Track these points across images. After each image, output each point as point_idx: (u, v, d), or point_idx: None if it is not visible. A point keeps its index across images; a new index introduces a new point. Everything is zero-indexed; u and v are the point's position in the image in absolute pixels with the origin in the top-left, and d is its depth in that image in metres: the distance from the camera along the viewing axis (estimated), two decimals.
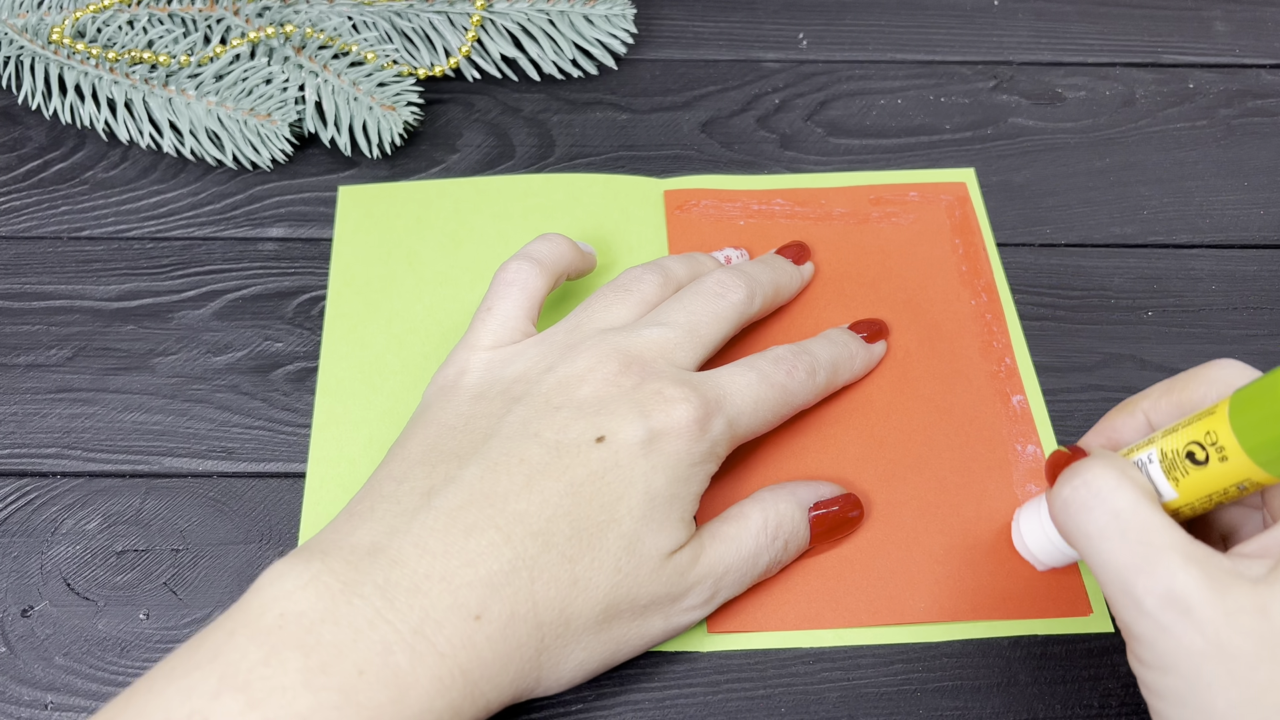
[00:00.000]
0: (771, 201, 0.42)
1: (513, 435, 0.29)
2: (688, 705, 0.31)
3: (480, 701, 0.26)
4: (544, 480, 0.28)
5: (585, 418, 0.29)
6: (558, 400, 0.30)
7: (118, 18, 0.44)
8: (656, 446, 0.29)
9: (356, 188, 0.43)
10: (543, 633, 0.27)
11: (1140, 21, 0.51)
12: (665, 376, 0.30)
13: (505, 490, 0.28)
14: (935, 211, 0.42)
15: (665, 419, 0.29)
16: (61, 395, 0.37)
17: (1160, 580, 0.23)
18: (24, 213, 0.42)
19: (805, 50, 0.49)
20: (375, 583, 0.26)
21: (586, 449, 0.29)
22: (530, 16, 0.46)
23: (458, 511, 0.27)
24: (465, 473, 0.28)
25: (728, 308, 0.34)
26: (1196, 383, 0.27)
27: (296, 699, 0.24)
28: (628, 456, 0.29)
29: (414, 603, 0.26)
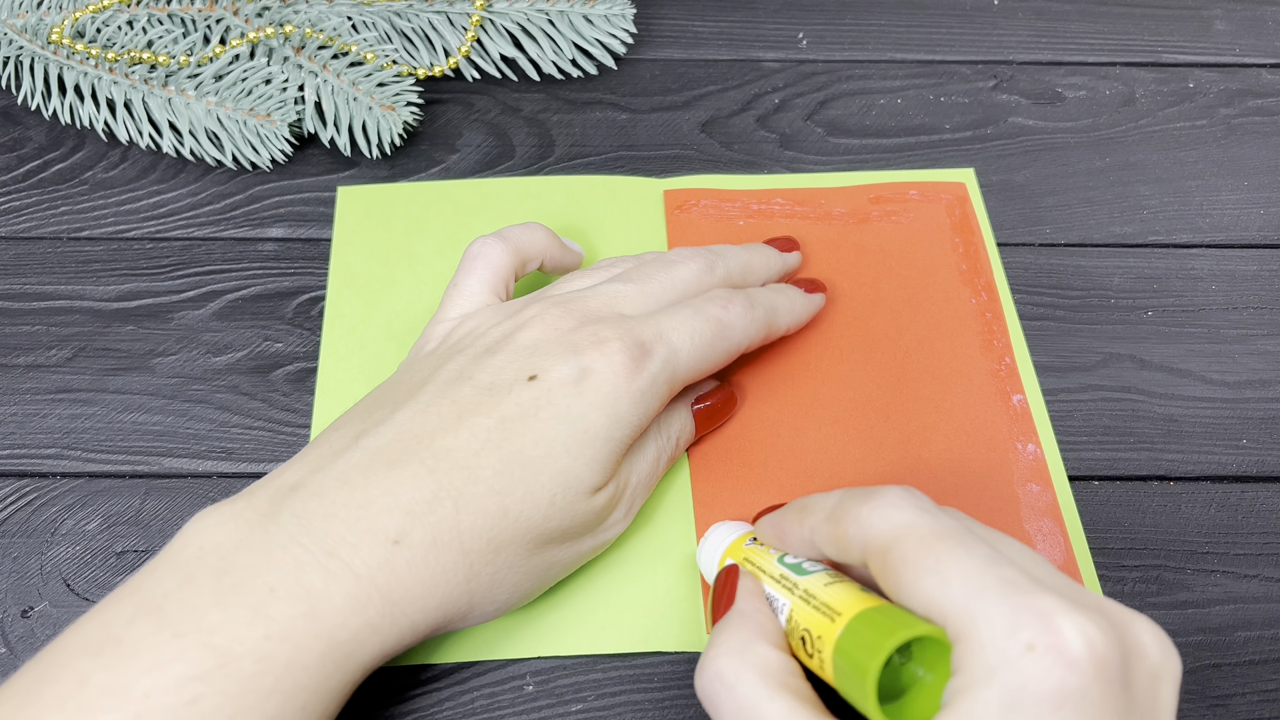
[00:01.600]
0: (771, 201, 0.42)
1: (448, 380, 0.30)
2: (688, 705, 0.31)
3: (404, 623, 0.27)
4: (474, 417, 0.28)
5: (520, 360, 0.30)
6: (496, 347, 0.30)
7: (117, 18, 0.44)
8: (590, 384, 0.29)
9: (355, 188, 0.43)
10: (470, 560, 0.27)
11: (1140, 21, 0.51)
12: (604, 320, 0.31)
13: (434, 428, 0.28)
14: (935, 210, 0.42)
15: (597, 356, 0.29)
16: (61, 396, 0.37)
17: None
18: (24, 213, 0.42)
19: (805, 50, 0.49)
20: (293, 512, 0.27)
21: (519, 388, 0.29)
22: (530, 16, 0.46)
23: (383, 449, 0.28)
24: (396, 415, 0.29)
25: (686, 273, 0.34)
26: (849, 519, 0.26)
27: (207, 615, 0.25)
28: (561, 394, 0.29)
29: (329, 528, 0.26)
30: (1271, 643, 0.33)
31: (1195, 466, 0.37)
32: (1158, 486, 0.36)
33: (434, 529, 0.27)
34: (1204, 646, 0.33)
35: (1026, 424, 0.36)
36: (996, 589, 0.22)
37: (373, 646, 0.26)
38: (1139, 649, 0.23)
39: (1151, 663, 0.23)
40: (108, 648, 0.24)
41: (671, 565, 0.33)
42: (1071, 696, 0.21)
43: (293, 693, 0.25)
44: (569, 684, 0.31)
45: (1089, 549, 0.35)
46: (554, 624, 0.32)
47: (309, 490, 0.27)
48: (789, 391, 0.37)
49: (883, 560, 0.25)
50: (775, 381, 0.37)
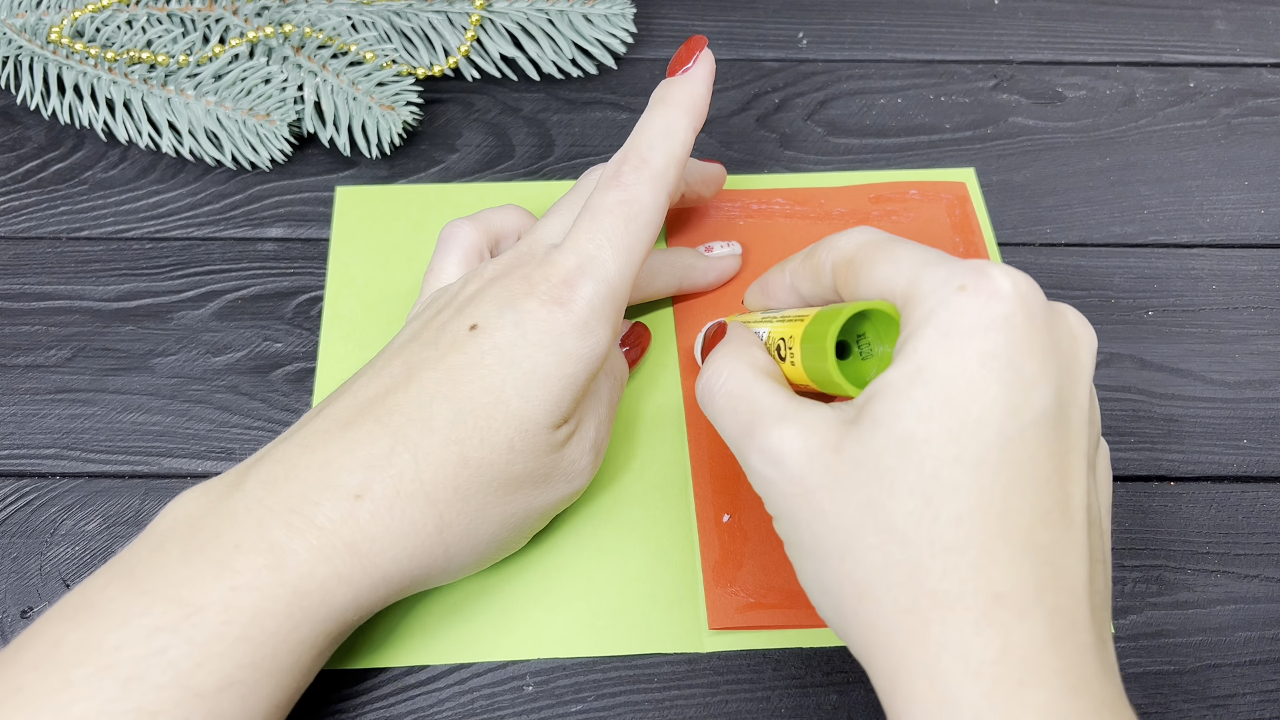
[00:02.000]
0: (771, 201, 0.42)
1: (401, 344, 0.30)
2: (687, 706, 0.31)
3: (375, 574, 0.27)
4: (423, 372, 0.29)
5: (461, 313, 0.30)
6: (445, 307, 0.31)
7: (116, 17, 0.43)
8: (530, 325, 0.29)
9: (354, 189, 0.43)
10: (439, 510, 0.28)
11: (1141, 20, 0.51)
12: (533, 258, 0.30)
13: (386, 388, 0.29)
14: (936, 210, 0.42)
15: (529, 297, 0.29)
16: (61, 396, 0.37)
17: (758, 440, 0.26)
18: (23, 213, 0.42)
19: (805, 49, 0.49)
20: (257, 478, 0.28)
21: (463, 339, 0.29)
22: (529, 16, 0.46)
23: (340, 413, 0.29)
24: (354, 383, 0.30)
25: (595, 179, 0.33)
26: (823, 248, 0.29)
27: (175, 573, 0.26)
28: (504, 339, 0.29)
29: (292, 489, 0.27)
30: (1272, 643, 0.33)
31: (1196, 466, 0.37)
32: (1158, 486, 0.36)
33: (395, 481, 0.27)
34: (1204, 647, 0.33)
35: None
36: (938, 259, 0.25)
37: (342, 596, 0.27)
38: (1061, 312, 0.25)
39: (1071, 325, 0.25)
40: (81, 611, 0.26)
41: (671, 565, 0.33)
42: (996, 320, 0.23)
43: (260, 640, 0.26)
44: (569, 684, 0.31)
45: None
46: (554, 625, 0.32)
47: (272, 458, 0.28)
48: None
49: (847, 269, 0.27)
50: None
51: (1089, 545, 0.24)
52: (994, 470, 0.23)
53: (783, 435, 0.25)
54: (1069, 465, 0.24)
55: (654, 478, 0.35)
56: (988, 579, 0.22)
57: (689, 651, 0.32)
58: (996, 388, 0.23)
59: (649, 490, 0.35)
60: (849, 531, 0.24)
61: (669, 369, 0.38)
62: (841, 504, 0.24)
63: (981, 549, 0.23)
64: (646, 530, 0.34)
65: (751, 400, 0.27)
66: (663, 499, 0.35)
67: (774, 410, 0.26)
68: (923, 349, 0.24)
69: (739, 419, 0.27)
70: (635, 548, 0.34)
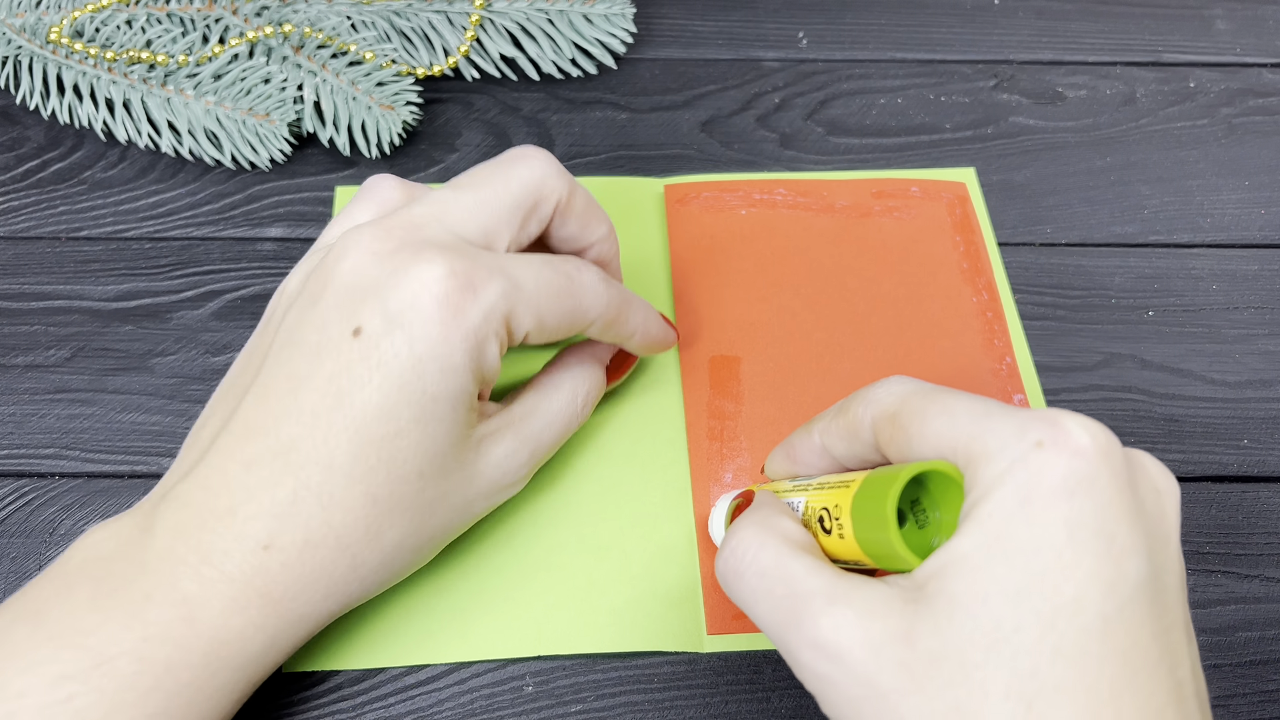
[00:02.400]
0: (774, 192, 0.42)
1: (283, 345, 0.27)
2: (687, 706, 0.31)
3: (290, 617, 0.27)
4: (309, 395, 0.26)
5: (341, 307, 0.26)
6: (321, 290, 0.27)
7: (116, 17, 0.43)
8: (416, 330, 0.25)
9: (353, 189, 0.43)
10: (352, 552, 0.27)
11: (1141, 20, 0.50)
12: (428, 241, 0.26)
13: (278, 413, 0.26)
14: (936, 208, 0.42)
15: (419, 290, 0.25)
16: (60, 396, 0.37)
17: (807, 632, 0.22)
18: (22, 213, 0.42)
19: (805, 49, 0.49)
20: (165, 524, 0.26)
21: (346, 347, 0.26)
22: (529, 16, 0.46)
23: (235, 446, 0.27)
24: (244, 403, 0.27)
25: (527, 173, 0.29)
26: (858, 402, 0.26)
27: (83, 619, 0.25)
28: (388, 350, 0.25)
29: (201, 539, 0.26)
30: (1272, 643, 0.33)
31: (1196, 466, 0.36)
32: None
33: (304, 529, 0.26)
34: (1205, 647, 0.33)
35: None
36: (1000, 411, 0.23)
37: (259, 643, 0.26)
38: (1141, 463, 0.23)
39: (1153, 477, 0.23)
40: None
41: (671, 565, 0.33)
42: (1082, 483, 0.21)
43: (175, 690, 0.25)
44: (569, 684, 0.31)
45: None
46: (554, 624, 0.32)
47: (179, 500, 0.27)
48: (790, 389, 0.37)
49: (892, 424, 0.24)
50: (776, 379, 0.37)
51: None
52: (1098, 663, 0.20)
53: (838, 624, 0.22)
54: (1173, 644, 0.21)
55: (654, 477, 0.35)
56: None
57: (689, 651, 0.32)
58: (1090, 560, 0.20)
59: (649, 490, 0.35)
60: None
61: (669, 369, 0.38)
62: (923, 710, 0.21)
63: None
64: (646, 530, 0.34)
65: (791, 580, 0.23)
66: (663, 499, 0.35)
67: (821, 591, 0.23)
68: (999, 515, 0.21)
69: (777, 604, 0.23)
70: (635, 548, 0.34)
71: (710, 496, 0.35)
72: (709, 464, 0.35)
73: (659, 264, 0.40)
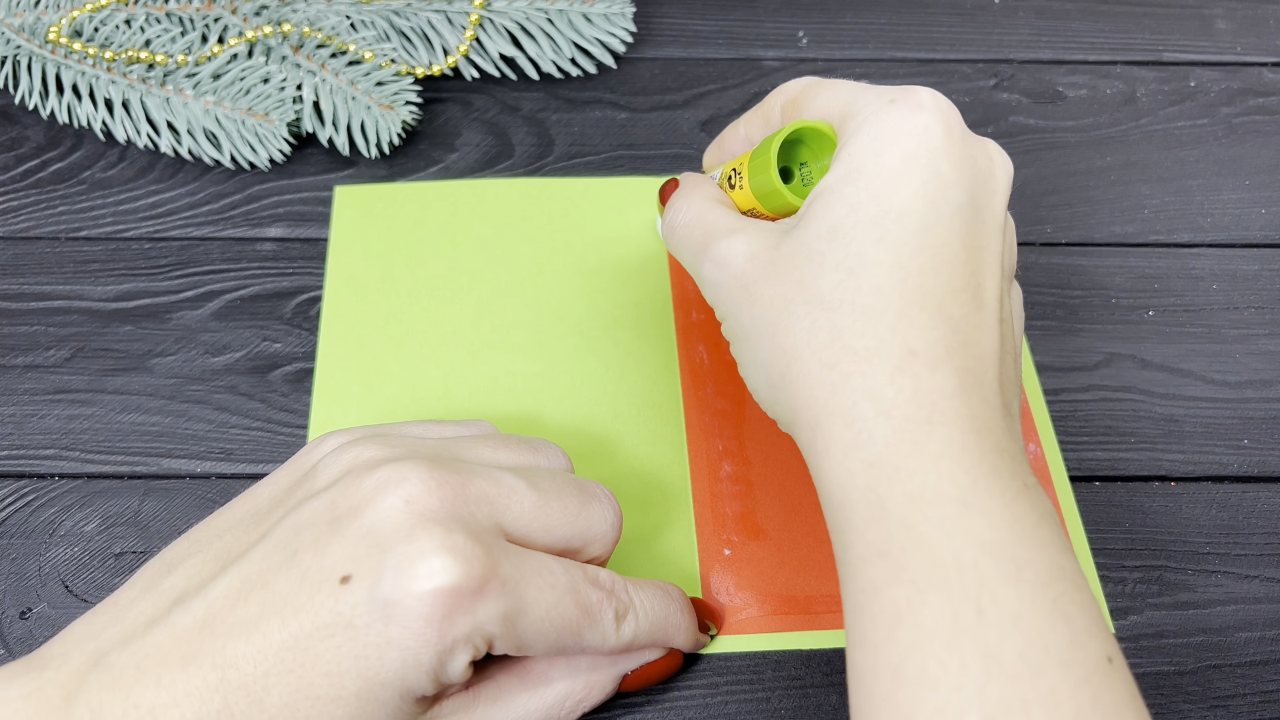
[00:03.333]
0: None
1: (276, 544, 0.26)
2: (687, 706, 0.31)
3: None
4: (274, 621, 0.25)
5: (346, 540, 0.25)
6: (347, 508, 0.26)
7: (115, 17, 0.43)
8: (400, 612, 0.24)
9: (353, 188, 0.42)
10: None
11: (1141, 19, 0.50)
12: (461, 521, 0.25)
13: (237, 621, 0.25)
14: None
15: (414, 575, 0.24)
16: (59, 396, 0.37)
17: (710, 252, 0.28)
18: (21, 213, 0.42)
19: (805, 48, 0.49)
20: (89, 704, 0.25)
21: (327, 590, 0.24)
22: (529, 15, 0.46)
23: (186, 635, 0.25)
24: (216, 585, 0.26)
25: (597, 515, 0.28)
26: (774, 94, 0.31)
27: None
28: (365, 618, 0.24)
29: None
30: (1272, 643, 0.33)
31: (1196, 467, 0.36)
32: (1159, 487, 0.36)
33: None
34: (1205, 647, 0.33)
35: (1027, 424, 0.36)
36: (873, 87, 0.28)
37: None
38: (981, 138, 0.28)
39: (988, 147, 0.28)
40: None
41: (671, 566, 0.33)
42: (919, 128, 0.26)
43: None
44: None
45: (1089, 549, 0.34)
46: None
47: (111, 677, 0.25)
48: None
49: (794, 105, 0.30)
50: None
51: (999, 332, 0.26)
52: (912, 251, 0.26)
53: (731, 244, 0.28)
54: (982, 260, 0.27)
55: (654, 478, 0.35)
56: (903, 338, 0.25)
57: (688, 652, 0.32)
58: (916, 182, 0.26)
59: (649, 491, 0.35)
60: (780, 308, 0.26)
61: (669, 371, 0.38)
62: (776, 286, 0.27)
63: (898, 313, 0.25)
64: (646, 530, 0.34)
65: (705, 223, 0.29)
66: (662, 500, 0.35)
67: (724, 227, 0.29)
68: (855, 153, 0.27)
69: (694, 241, 0.29)
70: (634, 548, 0.34)
71: (709, 495, 0.35)
72: (708, 463, 0.35)
73: (658, 264, 0.40)
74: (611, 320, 0.39)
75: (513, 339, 0.38)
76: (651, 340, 0.38)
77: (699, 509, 0.34)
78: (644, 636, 0.28)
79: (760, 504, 0.34)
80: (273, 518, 0.27)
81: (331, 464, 0.27)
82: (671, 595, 0.30)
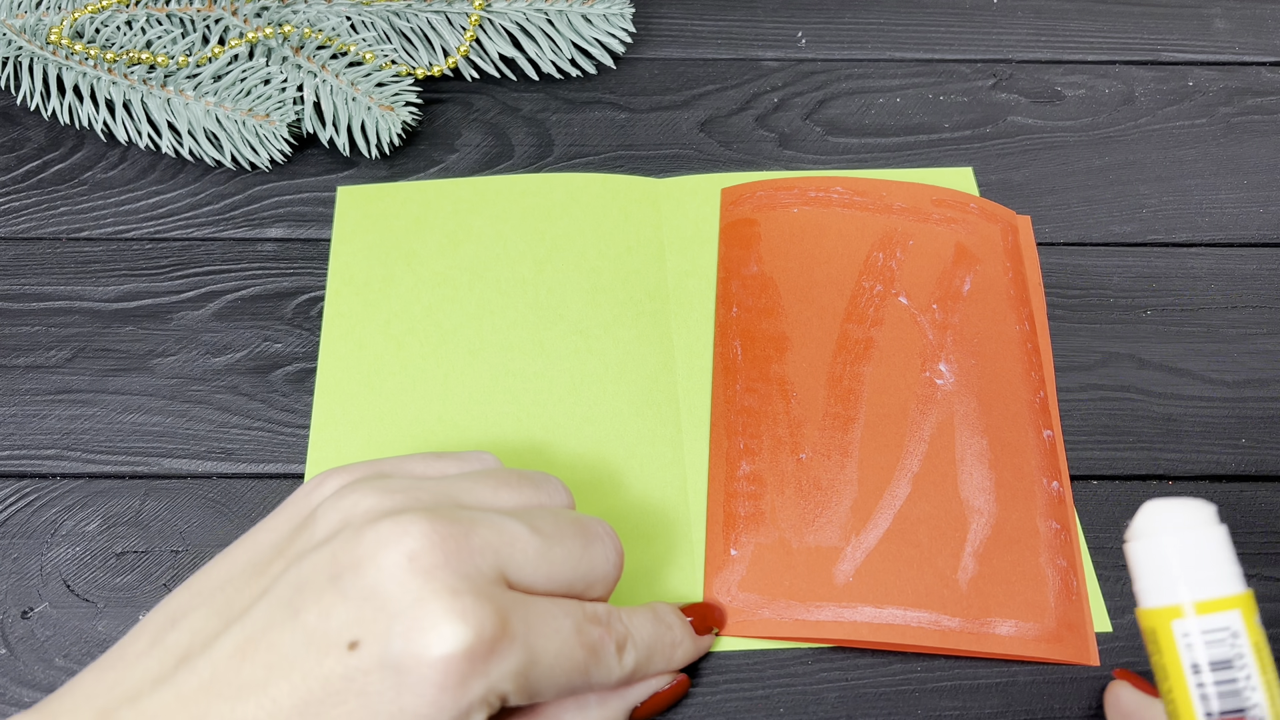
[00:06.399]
0: (830, 190, 0.41)
1: (278, 601, 0.25)
2: (686, 705, 0.31)
3: None
4: (280, 684, 0.24)
5: (353, 603, 0.24)
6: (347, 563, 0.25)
7: (116, 18, 0.44)
8: (413, 679, 0.24)
9: (354, 188, 0.43)
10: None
11: (1140, 19, 0.50)
12: (466, 578, 0.24)
13: (244, 683, 0.24)
14: (991, 231, 0.41)
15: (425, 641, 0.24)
16: (61, 396, 0.37)
17: None
18: (23, 214, 0.42)
19: (804, 49, 0.49)
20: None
21: (335, 654, 0.24)
22: (529, 16, 0.46)
23: (193, 696, 0.25)
24: (221, 644, 0.25)
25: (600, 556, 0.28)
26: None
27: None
28: (376, 684, 0.24)
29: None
30: (1271, 643, 0.33)
31: (1194, 466, 0.37)
32: (1157, 486, 0.36)
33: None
34: None
35: (1053, 460, 0.36)
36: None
37: None
38: None
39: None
40: None
41: (673, 567, 0.33)
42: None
43: None
44: None
45: (1089, 549, 0.35)
46: None
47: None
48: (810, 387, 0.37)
49: None
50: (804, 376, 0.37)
51: None
52: None
53: None
54: None
55: (653, 478, 0.35)
56: None
57: None
58: None
59: (649, 490, 0.35)
60: None
61: (669, 371, 0.38)
62: None
63: None
64: (649, 530, 0.34)
65: None
66: (662, 500, 0.35)
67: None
68: None
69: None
70: (637, 548, 0.34)
71: (723, 493, 0.35)
72: (727, 461, 0.35)
73: (658, 263, 0.40)
74: (611, 320, 0.39)
75: (513, 338, 0.38)
76: (651, 340, 0.38)
77: (712, 506, 0.34)
78: (645, 661, 0.28)
79: (773, 505, 0.34)
80: (273, 570, 0.26)
81: (330, 513, 0.26)
82: (662, 615, 0.30)
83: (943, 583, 0.33)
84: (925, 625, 0.32)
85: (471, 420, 0.36)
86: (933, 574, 0.33)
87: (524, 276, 0.40)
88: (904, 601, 0.32)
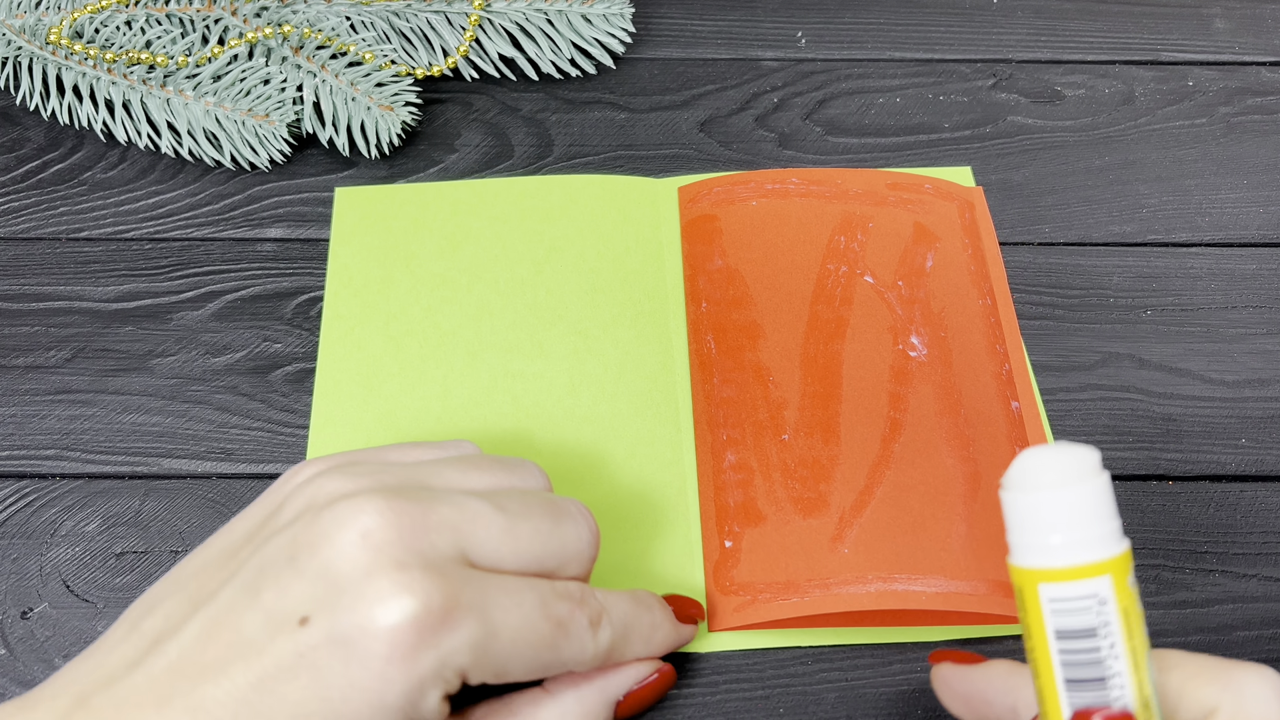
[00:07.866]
0: (786, 181, 0.42)
1: (242, 585, 0.26)
2: (686, 705, 0.31)
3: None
4: (239, 664, 0.24)
5: (305, 579, 0.25)
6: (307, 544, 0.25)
7: (115, 18, 0.44)
8: (361, 651, 0.24)
9: (353, 189, 0.43)
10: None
11: (1139, 19, 0.50)
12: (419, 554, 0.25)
13: (207, 663, 0.25)
14: (948, 208, 0.42)
15: (372, 614, 0.24)
16: (60, 397, 0.37)
17: None
18: (22, 214, 0.42)
19: (804, 49, 0.49)
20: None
21: (288, 632, 0.24)
22: (528, 16, 0.46)
23: (161, 678, 0.25)
24: (189, 627, 0.25)
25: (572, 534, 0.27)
26: None
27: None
28: (325, 658, 0.24)
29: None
30: (1271, 642, 0.33)
31: (1194, 466, 0.37)
32: (1156, 486, 0.36)
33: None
34: (1203, 646, 0.33)
35: (1020, 430, 0.36)
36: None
37: None
38: None
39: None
40: None
41: (673, 565, 0.33)
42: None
43: None
44: None
45: None
46: None
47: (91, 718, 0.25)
48: (788, 376, 0.37)
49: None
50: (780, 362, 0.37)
51: None
52: None
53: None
54: None
55: (653, 477, 0.35)
56: None
57: (688, 651, 0.32)
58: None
59: (649, 489, 0.35)
60: None
61: (668, 371, 0.38)
62: None
63: None
64: (647, 531, 0.34)
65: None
66: (662, 498, 0.35)
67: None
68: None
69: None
70: (637, 546, 0.34)
71: (712, 486, 0.35)
72: (712, 454, 0.35)
73: (658, 263, 0.40)
74: (610, 320, 0.39)
75: (512, 339, 0.38)
76: (651, 340, 0.38)
77: (703, 502, 0.35)
78: (621, 641, 0.28)
79: (762, 491, 0.34)
80: (241, 555, 0.27)
81: (297, 498, 0.27)
82: (640, 597, 0.29)
83: (940, 546, 0.33)
84: (931, 590, 0.32)
85: (471, 420, 0.36)
86: (929, 539, 0.33)
87: (523, 277, 0.40)
88: (905, 569, 0.33)
